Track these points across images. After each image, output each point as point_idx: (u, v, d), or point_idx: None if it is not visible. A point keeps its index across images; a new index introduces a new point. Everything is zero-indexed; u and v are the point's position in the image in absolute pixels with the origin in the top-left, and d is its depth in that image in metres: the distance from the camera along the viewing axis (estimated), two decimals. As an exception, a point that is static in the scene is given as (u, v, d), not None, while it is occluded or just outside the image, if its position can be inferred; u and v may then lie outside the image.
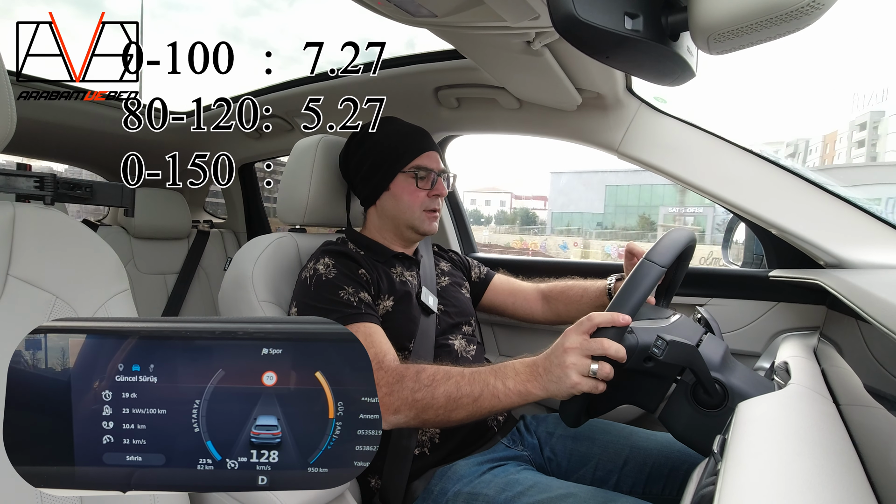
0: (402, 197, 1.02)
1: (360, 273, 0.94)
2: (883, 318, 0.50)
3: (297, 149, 1.15)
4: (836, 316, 0.98)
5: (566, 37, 0.45)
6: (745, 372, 0.73)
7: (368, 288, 0.93)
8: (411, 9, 0.78)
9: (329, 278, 0.90)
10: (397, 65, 1.32)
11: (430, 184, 1.03)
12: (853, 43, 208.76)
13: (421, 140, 1.06)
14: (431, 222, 1.05)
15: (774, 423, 0.51)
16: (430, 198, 1.04)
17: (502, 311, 1.23)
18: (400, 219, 1.04)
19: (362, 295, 0.90)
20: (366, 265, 0.96)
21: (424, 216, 1.04)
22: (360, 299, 0.89)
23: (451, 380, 0.75)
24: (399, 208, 1.03)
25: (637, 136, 1.17)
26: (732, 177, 1.09)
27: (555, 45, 0.89)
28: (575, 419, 0.74)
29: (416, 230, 1.04)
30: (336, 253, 0.96)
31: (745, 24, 0.41)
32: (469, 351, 1.02)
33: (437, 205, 1.05)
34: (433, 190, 1.04)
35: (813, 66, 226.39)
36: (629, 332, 0.70)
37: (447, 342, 1.00)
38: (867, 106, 43.53)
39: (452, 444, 0.91)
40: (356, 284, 0.91)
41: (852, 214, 1.00)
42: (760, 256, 1.24)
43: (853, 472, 0.43)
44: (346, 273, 0.92)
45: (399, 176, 1.03)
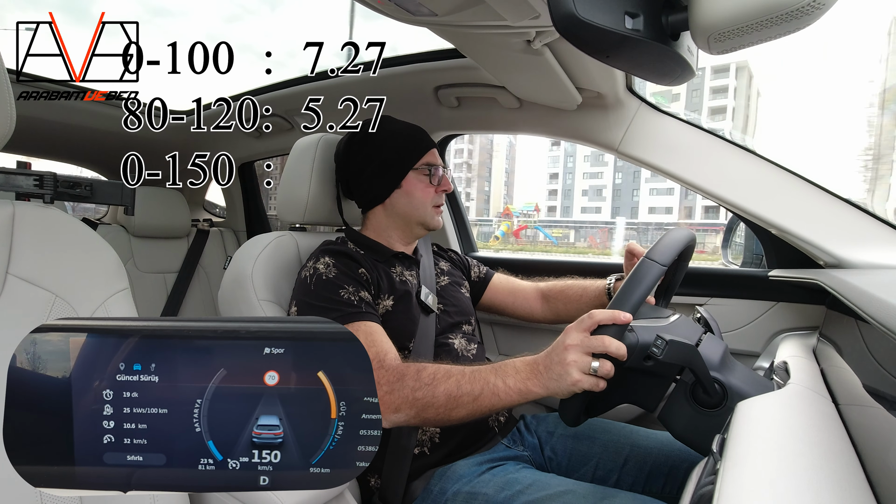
0: (415, 194, 1.04)
1: (361, 272, 0.94)
2: (882, 318, 0.51)
3: (298, 148, 1.14)
4: (836, 316, 0.99)
5: (566, 36, 0.45)
6: (744, 371, 0.73)
7: (368, 287, 0.93)
8: (412, 8, 0.78)
9: (329, 277, 0.90)
10: (397, 63, 1.32)
11: (437, 180, 1.06)
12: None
13: (425, 137, 1.08)
14: (438, 217, 1.08)
15: (773, 423, 0.51)
16: (437, 193, 1.07)
17: (502, 311, 1.23)
18: (412, 216, 1.05)
19: (362, 294, 0.90)
20: (366, 265, 0.96)
21: (432, 212, 1.06)
22: (360, 298, 0.89)
23: (452, 378, 0.75)
24: (412, 205, 1.04)
25: (637, 136, 1.17)
26: (732, 176, 1.09)
27: (555, 44, 0.89)
28: (574, 419, 0.74)
29: (426, 226, 1.06)
30: (336, 252, 0.95)
31: (746, 23, 0.41)
32: (469, 350, 1.02)
33: (443, 200, 1.08)
34: (440, 186, 1.06)
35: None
36: (629, 330, 0.70)
37: (447, 341, 1.00)
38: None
39: (452, 444, 0.91)
40: (356, 283, 0.91)
41: (852, 214, 1.00)
42: (760, 256, 1.24)
43: (852, 472, 0.44)
44: (346, 272, 0.92)
45: (411, 173, 1.04)
